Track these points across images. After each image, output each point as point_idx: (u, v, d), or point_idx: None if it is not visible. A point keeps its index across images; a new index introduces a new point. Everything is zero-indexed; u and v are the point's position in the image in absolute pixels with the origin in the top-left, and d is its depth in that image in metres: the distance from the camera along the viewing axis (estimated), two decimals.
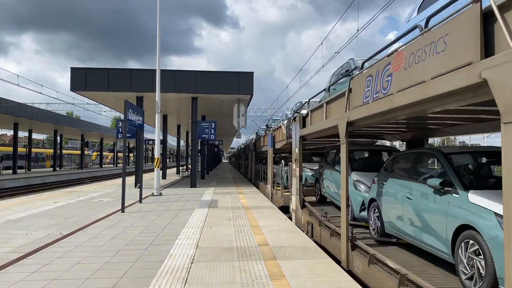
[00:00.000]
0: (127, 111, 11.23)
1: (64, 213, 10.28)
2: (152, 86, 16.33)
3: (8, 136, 69.08)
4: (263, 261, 5.53)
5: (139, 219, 9.35)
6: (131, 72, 18.20)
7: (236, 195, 15.28)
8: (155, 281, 4.65)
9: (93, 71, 18.02)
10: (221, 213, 10.32)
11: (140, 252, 6.06)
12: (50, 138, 68.39)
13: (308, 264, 5.37)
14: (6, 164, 40.51)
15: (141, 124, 13.29)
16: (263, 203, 12.68)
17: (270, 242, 6.79)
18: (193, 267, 5.26)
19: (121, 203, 10.65)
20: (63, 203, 12.37)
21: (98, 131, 48.47)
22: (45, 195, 15.75)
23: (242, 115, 19.16)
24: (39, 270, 5.14)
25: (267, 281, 4.65)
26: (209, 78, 18.21)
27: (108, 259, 5.64)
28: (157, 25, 14.90)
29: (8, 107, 28.12)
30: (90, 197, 14.47)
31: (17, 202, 12.95)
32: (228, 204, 12.33)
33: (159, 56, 15.02)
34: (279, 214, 10.28)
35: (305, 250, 6.23)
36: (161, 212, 10.52)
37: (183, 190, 17.19)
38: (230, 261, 5.52)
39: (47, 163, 55.17)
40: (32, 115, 32.04)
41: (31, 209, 10.97)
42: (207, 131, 19.19)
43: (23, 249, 6.21)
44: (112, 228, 8.16)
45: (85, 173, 43.27)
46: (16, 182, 29.08)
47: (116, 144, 66.21)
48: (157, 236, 7.34)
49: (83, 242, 6.75)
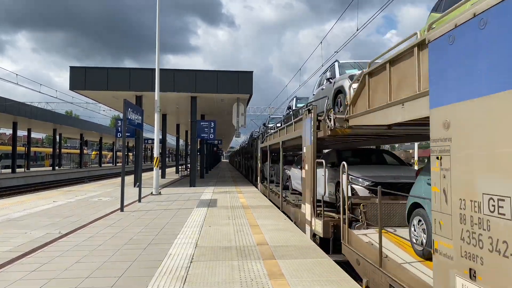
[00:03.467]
0: (126, 110, 11.22)
1: (63, 212, 10.27)
2: (151, 86, 16.33)
3: (7, 135, 68.96)
4: (262, 260, 5.54)
5: (138, 218, 9.35)
6: (130, 71, 18.21)
7: (235, 194, 15.28)
8: (154, 280, 4.65)
9: (92, 70, 18.02)
10: (220, 212, 10.32)
11: (139, 251, 6.06)
12: (49, 137, 68.30)
13: (307, 264, 5.37)
14: (5, 163, 40.50)
15: (140, 124, 13.28)
16: (262, 203, 12.68)
17: (269, 241, 6.79)
18: (192, 266, 5.26)
19: (120, 202, 10.64)
20: (62, 202, 12.36)
21: (97, 131, 48.43)
22: (44, 194, 15.74)
23: (241, 115, 19.15)
24: (38, 269, 5.14)
25: (266, 280, 4.66)
26: (209, 78, 18.21)
27: (107, 258, 5.64)
28: (157, 25, 14.89)
29: (7, 106, 28.08)
30: (89, 196, 14.46)
31: (16, 201, 12.94)
32: (227, 203, 12.33)
33: (158, 55, 15.00)
34: (278, 214, 10.28)
35: (305, 249, 6.24)
36: (160, 211, 10.52)
37: (182, 189, 17.19)
38: (229, 260, 5.52)
39: (46, 162, 55.14)
40: (31, 114, 31.99)
41: (30, 208, 10.96)
42: (207, 131, 19.19)
43: (22, 248, 6.21)
44: (111, 227, 8.16)
45: (84, 172, 43.25)
46: (15, 181, 29.06)
47: (115, 143, 66.16)
48: (156, 235, 7.34)
49: (82, 241, 6.75)
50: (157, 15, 14.88)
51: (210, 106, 22.19)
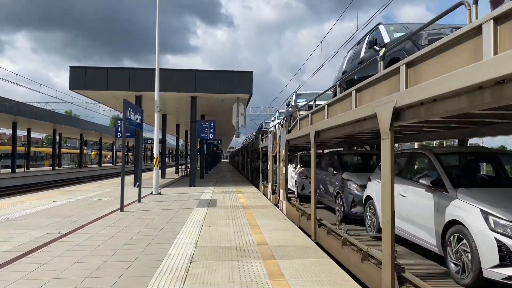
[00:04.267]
0: (126, 110, 11.22)
1: (63, 212, 10.27)
2: (151, 85, 16.31)
3: (7, 135, 68.96)
4: (262, 260, 5.53)
5: (138, 218, 9.34)
6: (130, 71, 18.20)
7: (235, 194, 15.28)
8: (154, 280, 4.65)
9: (92, 70, 18.01)
10: (220, 212, 10.32)
11: (139, 251, 6.05)
12: (49, 137, 68.27)
13: (307, 264, 5.37)
14: (5, 163, 40.48)
15: (140, 124, 13.27)
16: (262, 203, 12.67)
17: (269, 241, 6.78)
18: (192, 266, 5.26)
19: (120, 202, 10.64)
20: (62, 202, 12.36)
21: (97, 130, 48.42)
22: (44, 194, 15.73)
23: (241, 114, 19.14)
24: (37, 269, 5.14)
25: (266, 280, 4.65)
26: (209, 77, 18.20)
27: (107, 258, 5.64)
28: (157, 25, 14.88)
29: (7, 106, 28.07)
30: (89, 196, 14.45)
31: (16, 201, 12.94)
32: (227, 203, 12.32)
33: (158, 55, 15.00)
34: (278, 214, 10.28)
35: (304, 249, 6.23)
36: (160, 211, 10.52)
37: (182, 189, 17.18)
38: (229, 260, 5.52)
39: (46, 162, 55.11)
40: (31, 114, 31.99)
41: (30, 208, 10.95)
42: (206, 131, 19.18)
43: (21, 248, 6.20)
44: (111, 227, 8.15)
45: (84, 172, 43.23)
46: (15, 181, 29.04)
47: (115, 143, 66.14)
48: (156, 235, 7.34)
49: (82, 241, 6.74)
50: (157, 15, 14.87)
51: (210, 106, 22.18)
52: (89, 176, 40.09)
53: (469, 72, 3.07)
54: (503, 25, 2.85)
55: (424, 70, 3.93)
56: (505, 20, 2.83)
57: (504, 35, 2.85)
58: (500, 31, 2.88)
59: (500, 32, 2.88)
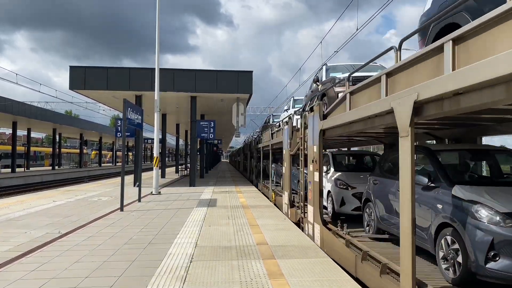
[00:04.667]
0: (126, 110, 11.22)
1: (63, 212, 10.27)
2: (151, 85, 16.31)
3: (7, 134, 68.94)
4: (262, 260, 5.53)
5: (138, 218, 9.34)
6: (130, 71, 18.18)
7: (235, 194, 15.28)
8: (154, 280, 4.65)
9: (92, 70, 18.00)
10: (220, 212, 10.32)
11: (139, 251, 6.06)
12: (49, 137, 68.26)
13: (307, 263, 5.37)
14: (5, 163, 40.47)
15: (140, 123, 13.27)
16: (261, 202, 12.68)
17: (269, 241, 6.79)
18: (192, 266, 5.26)
19: (120, 202, 10.64)
20: (62, 202, 12.36)
21: (97, 130, 48.42)
22: (44, 194, 15.73)
23: (241, 114, 19.14)
24: (37, 268, 5.14)
25: (266, 280, 4.65)
26: (208, 77, 18.20)
27: (107, 258, 5.64)
28: (157, 25, 14.88)
29: (7, 105, 28.07)
30: (89, 196, 14.45)
31: (16, 201, 12.94)
32: (227, 203, 12.32)
33: (158, 55, 15.00)
34: (278, 213, 10.28)
35: (304, 249, 6.23)
36: (160, 211, 10.52)
37: (182, 189, 17.18)
38: (229, 260, 5.52)
39: (46, 161, 55.10)
40: (31, 114, 31.99)
41: (29, 207, 10.95)
42: (206, 130, 19.19)
43: (21, 248, 6.20)
44: (111, 227, 8.15)
45: (84, 172, 43.22)
46: (14, 181, 29.04)
47: (115, 143, 66.14)
48: (156, 235, 7.34)
49: (82, 241, 6.75)
50: (157, 15, 14.87)
51: (210, 106, 22.18)
52: (89, 175, 40.09)
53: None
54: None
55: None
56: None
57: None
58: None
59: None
